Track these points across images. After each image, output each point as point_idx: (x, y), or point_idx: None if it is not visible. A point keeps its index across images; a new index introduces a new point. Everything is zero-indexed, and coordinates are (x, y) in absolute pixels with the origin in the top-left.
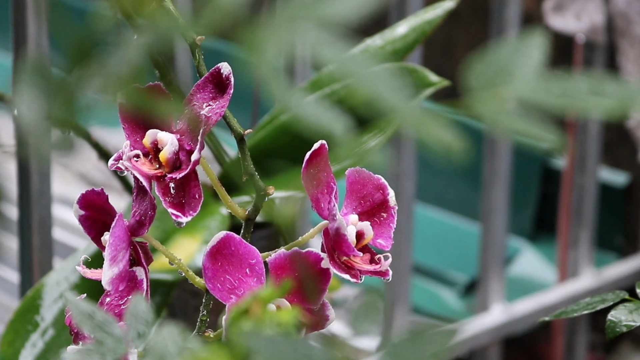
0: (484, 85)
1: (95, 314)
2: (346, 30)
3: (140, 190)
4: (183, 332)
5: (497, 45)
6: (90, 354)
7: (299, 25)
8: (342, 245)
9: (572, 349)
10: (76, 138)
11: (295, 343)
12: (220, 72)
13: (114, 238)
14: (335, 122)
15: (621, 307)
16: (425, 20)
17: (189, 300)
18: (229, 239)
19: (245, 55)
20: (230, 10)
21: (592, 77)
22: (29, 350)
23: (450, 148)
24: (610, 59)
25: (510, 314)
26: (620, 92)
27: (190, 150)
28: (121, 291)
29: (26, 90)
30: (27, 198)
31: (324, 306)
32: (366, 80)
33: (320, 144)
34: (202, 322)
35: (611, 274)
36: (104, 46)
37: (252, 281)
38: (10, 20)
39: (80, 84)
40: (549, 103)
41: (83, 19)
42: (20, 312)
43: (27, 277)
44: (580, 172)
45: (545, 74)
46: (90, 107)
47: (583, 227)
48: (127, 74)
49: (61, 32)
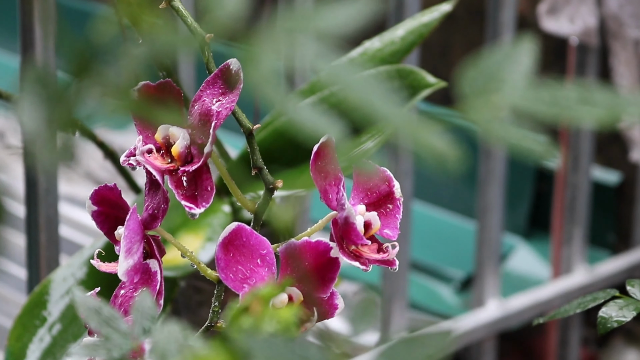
0: (476, 92)
1: (102, 309)
2: (343, 39)
3: (153, 185)
4: (184, 330)
5: (489, 50)
6: (97, 349)
7: (297, 36)
8: (351, 234)
9: (566, 343)
10: (81, 139)
11: (292, 344)
12: (230, 68)
13: (128, 231)
14: (331, 125)
15: (612, 303)
16: (423, 23)
17: (192, 296)
18: (240, 230)
19: (244, 64)
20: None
21: (582, 85)
22: (36, 345)
23: (444, 157)
24: (602, 61)
25: (505, 310)
26: (609, 101)
27: (202, 144)
28: (135, 283)
29: (32, 93)
30: (34, 197)
31: (333, 295)
32: (353, 86)
33: (327, 137)
34: (215, 313)
35: (604, 270)
36: (110, 50)
37: (264, 271)
38: (18, 24)
39: (85, 89)
40: (539, 111)
41: (89, 22)
42: (27, 307)
43: (35, 273)
44: (574, 171)
45: (535, 81)
46: (95, 112)
47: (576, 224)
48: (133, 77)
49: (67, 37)
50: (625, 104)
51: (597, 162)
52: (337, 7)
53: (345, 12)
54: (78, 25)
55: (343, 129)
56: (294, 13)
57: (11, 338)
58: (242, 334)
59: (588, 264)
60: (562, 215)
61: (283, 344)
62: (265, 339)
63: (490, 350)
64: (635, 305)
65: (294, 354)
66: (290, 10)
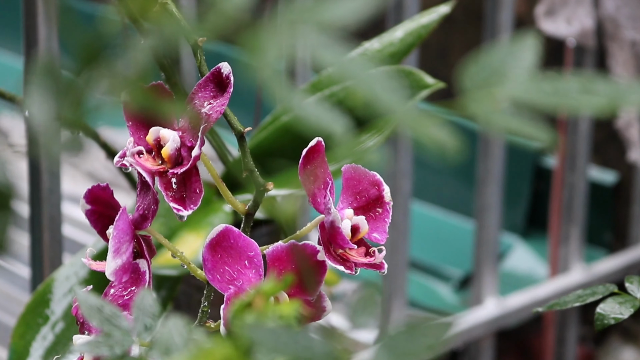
0: (478, 86)
1: (104, 307)
2: (345, 34)
3: (143, 186)
4: (188, 324)
5: (492, 47)
6: (99, 345)
7: (300, 29)
8: (337, 238)
9: (563, 341)
10: (85, 138)
11: (296, 335)
12: (221, 72)
13: (117, 231)
14: (335, 122)
15: (610, 300)
16: (421, 24)
17: (193, 294)
18: (228, 231)
19: (248, 58)
20: (233, 15)
21: (582, 76)
22: (39, 343)
23: (445, 147)
24: (599, 62)
25: (503, 308)
26: (610, 90)
27: (192, 146)
28: (125, 282)
29: (36, 92)
30: (37, 196)
31: (321, 297)
32: (364, 83)
33: (316, 140)
34: (204, 313)
35: (600, 269)
36: (112, 49)
37: (251, 273)
38: (21, 25)
39: (89, 86)
40: (541, 102)
41: (91, 23)
42: (31, 305)
43: (38, 272)
44: (571, 171)
45: (537, 74)
46: (99, 108)
47: (573, 224)
48: (134, 76)
49: (70, 36)
50: (626, 93)
51: (594, 162)
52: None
53: (350, 4)
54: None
55: (347, 124)
56: (297, 5)
57: (15, 336)
58: (245, 327)
59: (585, 263)
60: (560, 214)
61: (287, 334)
62: (270, 330)
63: (488, 348)
64: (633, 302)
65: (297, 344)
66: (295, 3)
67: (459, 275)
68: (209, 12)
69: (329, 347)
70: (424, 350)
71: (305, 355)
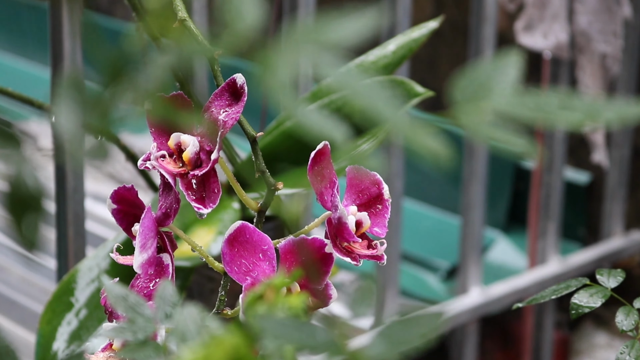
0: (467, 99)
1: (128, 296)
2: (344, 51)
3: (166, 186)
4: (202, 312)
5: (479, 62)
6: (124, 331)
7: (303, 48)
8: (344, 232)
9: (541, 327)
10: (107, 143)
11: (301, 325)
12: (236, 82)
13: (143, 228)
14: (334, 128)
15: (583, 291)
16: (412, 38)
17: (205, 284)
18: (244, 227)
19: (258, 72)
20: (245, 34)
21: (561, 92)
22: (64, 328)
23: (435, 153)
24: (574, 73)
25: (487, 296)
26: (586, 107)
27: (210, 150)
28: (150, 275)
29: (63, 103)
30: (63, 195)
31: (327, 286)
32: (360, 92)
33: (324, 143)
34: (221, 302)
35: (575, 261)
36: (134, 64)
37: (265, 264)
38: (48, 38)
39: (115, 98)
40: (523, 116)
41: (115, 39)
42: (57, 294)
43: (63, 263)
44: (548, 172)
45: (520, 89)
46: (123, 118)
47: (550, 220)
48: (154, 88)
49: (94, 51)
50: (601, 110)
51: (569, 164)
52: (343, 21)
53: (352, 26)
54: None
55: (345, 131)
56: (302, 26)
57: (42, 322)
58: (256, 317)
59: (561, 255)
60: (538, 211)
61: (292, 324)
62: (276, 320)
63: (472, 333)
64: (604, 292)
65: (301, 333)
66: (299, 24)
67: (446, 267)
68: (223, 32)
69: (329, 335)
70: (417, 338)
71: (308, 343)
